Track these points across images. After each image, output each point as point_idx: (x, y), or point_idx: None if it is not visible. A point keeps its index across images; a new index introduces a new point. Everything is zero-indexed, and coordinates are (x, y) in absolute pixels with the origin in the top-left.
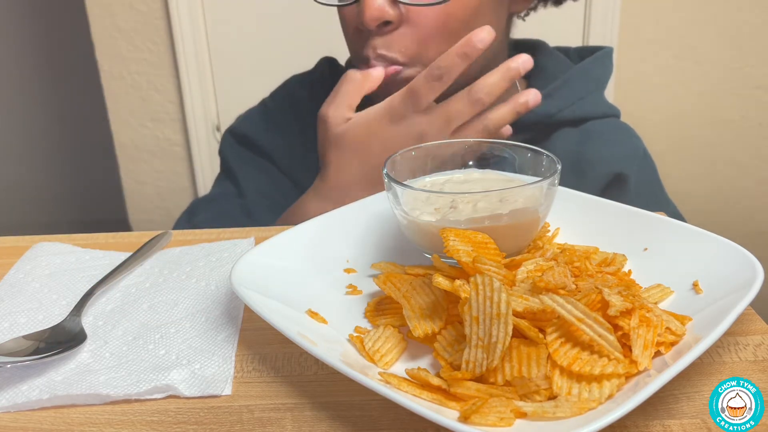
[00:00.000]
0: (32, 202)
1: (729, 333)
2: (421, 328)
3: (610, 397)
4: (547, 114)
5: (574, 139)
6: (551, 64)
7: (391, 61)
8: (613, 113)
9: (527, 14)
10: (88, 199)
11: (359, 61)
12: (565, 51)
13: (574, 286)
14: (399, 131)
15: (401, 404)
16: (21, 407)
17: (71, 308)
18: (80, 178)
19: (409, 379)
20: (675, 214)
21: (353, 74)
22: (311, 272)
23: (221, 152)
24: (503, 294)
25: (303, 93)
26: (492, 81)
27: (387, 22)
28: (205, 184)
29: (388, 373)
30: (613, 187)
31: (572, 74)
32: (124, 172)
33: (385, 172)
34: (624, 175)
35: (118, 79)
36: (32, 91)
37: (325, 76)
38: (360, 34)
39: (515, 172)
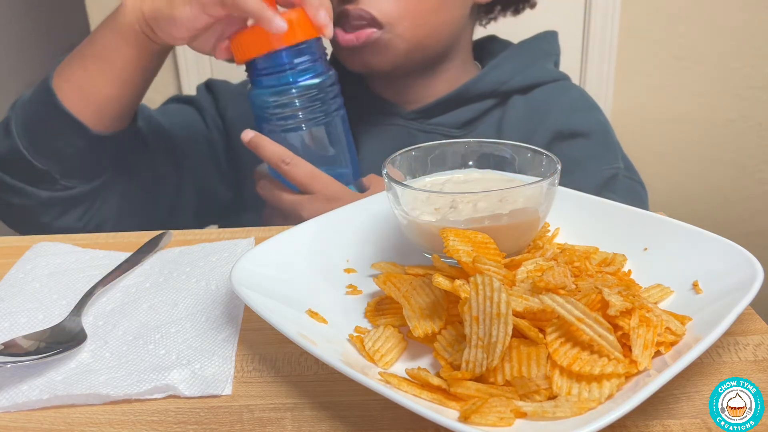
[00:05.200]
0: None
1: (729, 333)
2: (421, 328)
3: (610, 397)
4: (499, 81)
5: (523, 106)
6: (499, 47)
7: (370, 20)
8: (563, 77)
9: (488, 22)
10: None
11: (337, 22)
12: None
13: (574, 286)
14: None
15: (401, 404)
16: (21, 407)
17: (71, 308)
18: None
19: (409, 379)
20: (628, 167)
21: None
22: (311, 272)
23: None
24: (503, 294)
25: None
26: None
27: None
28: None
29: (388, 373)
30: (564, 144)
31: (517, 46)
32: None
33: (385, 172)
34: (575, 131)
35: None
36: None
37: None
38: None
39: (515, 172)
